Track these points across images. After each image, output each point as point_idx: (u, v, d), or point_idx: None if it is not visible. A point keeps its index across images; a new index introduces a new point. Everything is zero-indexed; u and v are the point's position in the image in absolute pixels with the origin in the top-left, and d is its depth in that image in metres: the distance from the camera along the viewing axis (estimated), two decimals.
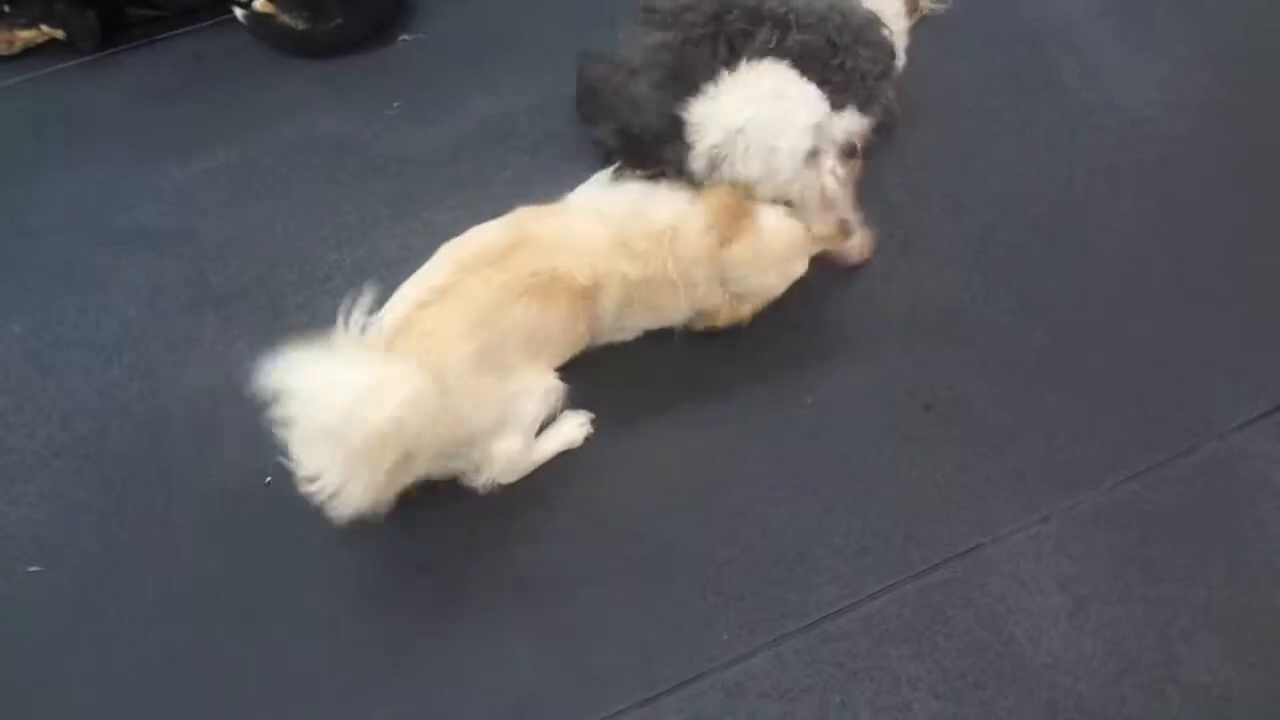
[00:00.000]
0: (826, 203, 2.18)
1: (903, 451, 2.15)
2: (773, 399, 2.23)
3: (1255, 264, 2.43)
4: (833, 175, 2.15)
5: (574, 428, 2.16)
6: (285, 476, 2.09)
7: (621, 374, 2.24)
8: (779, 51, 2.22)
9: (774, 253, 2.15)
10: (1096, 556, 2.01)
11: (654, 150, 2.27)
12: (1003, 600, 1.96)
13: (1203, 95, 2.75)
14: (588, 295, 2.05)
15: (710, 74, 2.18)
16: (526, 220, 2.09)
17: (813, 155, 2.13)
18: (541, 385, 2.04)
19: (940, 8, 2.87)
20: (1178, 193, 2.56)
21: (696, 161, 2.17)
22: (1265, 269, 2.42)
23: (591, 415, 2.16)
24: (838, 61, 2.26)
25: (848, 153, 2.13)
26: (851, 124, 2.15)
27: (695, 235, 2.09)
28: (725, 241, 2.09)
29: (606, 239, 2.06)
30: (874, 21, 2.38)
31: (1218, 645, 1.91)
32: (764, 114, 2.11)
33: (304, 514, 2.05)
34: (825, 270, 2.32)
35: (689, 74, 2.22)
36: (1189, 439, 2.16)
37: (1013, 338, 2.31)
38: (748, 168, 2.13)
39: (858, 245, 2.36)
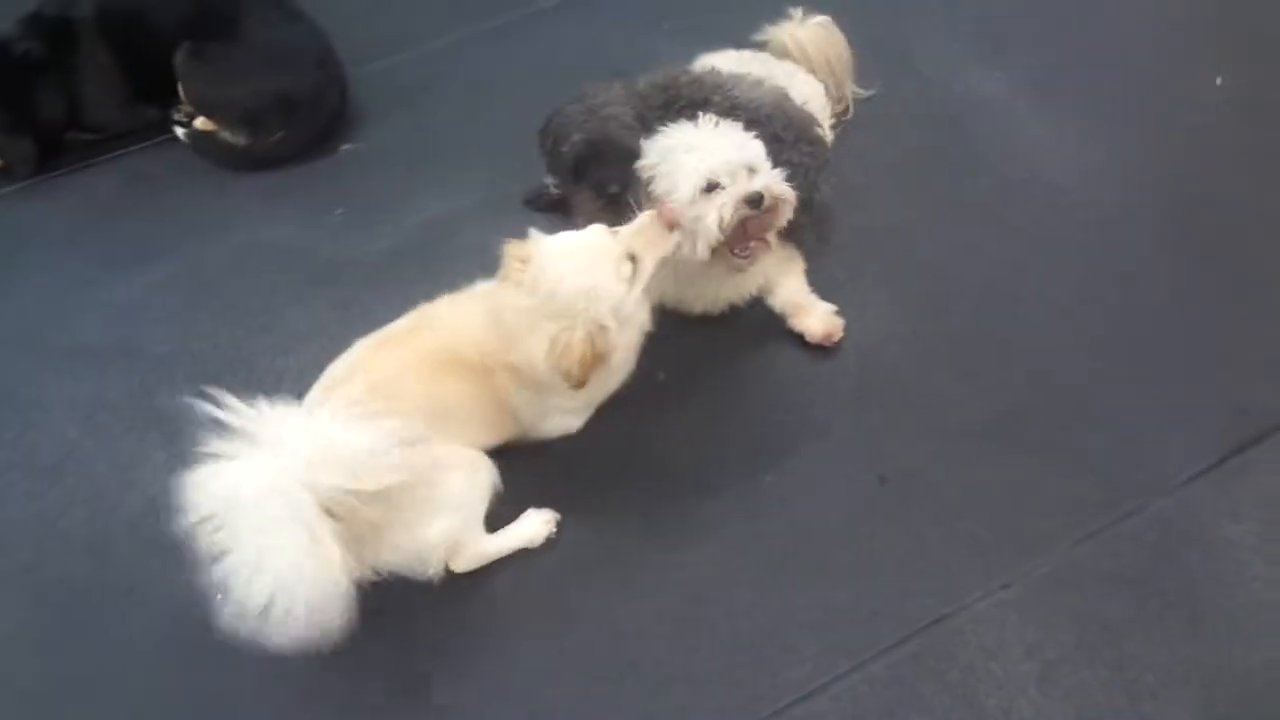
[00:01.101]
0: (705, 233, 2.19)
1: (862, 526, 2.16)
2: (731, 480, 2.23)
3: (1183, 321, 2.50)
4: (720, 212, 2.16)
5: (537, 524, 2.13)
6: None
7: (578, 459, 2.25)
8: None
9: (558, 270, 1.99)
10: (1059, 620, 2.01)
11: (614, 167, 2.33)
12: (971, 671, 1.95)
13: (1117, 164, 2.88)
14: (487, 374, 2.05)
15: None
16: (432, 305, 2.14)
17: (710, 188, 2.17)
18: (462, 458, 2.00)
19: (865, 94, 2.98)
20: (1104, 257, 2.65)
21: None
22: (1191, 325, 2.49)
23: (557, 516, 2.14)
24: (784, 157, 2.35)
25: (750, 201, 2.16)
26: (777, 185, 2.19)
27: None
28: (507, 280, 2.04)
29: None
30: (812, 120, 2.50)
31: (1185, 702, 1.90)
32: (693, 141, 2.20)
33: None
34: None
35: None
36: (1140, 497, 2.18)
37: (959, 406, 2.34)
38: (658, 185, 2.21)
39: (820, 327, 2.41)
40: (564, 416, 2.24)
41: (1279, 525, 2.13)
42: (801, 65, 2.78)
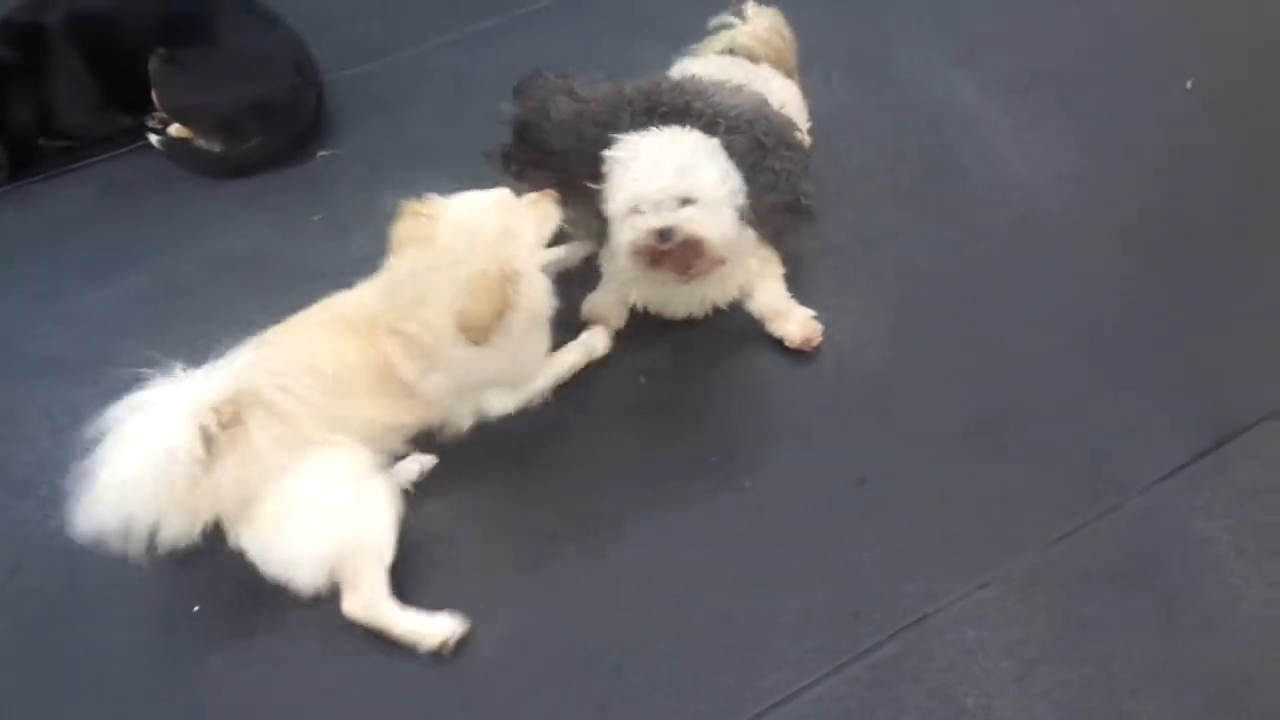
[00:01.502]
0: (620, 251, 2.23)
1: (842, 528, 2.17)
2: (711, 485, 2.23)
3: (1156, 323, 2.53)
4: (632, 237, 2.17)
5: (445, 625, 1.97)
6: (217, 605, 2.06)
7: (558, 462, 2.27)
8: None
9: (475, 218, 2.06)
10: (1038, 618, 2.02)
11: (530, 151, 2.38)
12: (951, 671, 1.96)
13: (1089, 169, 2.90)
14: (376, 340, 2.07)
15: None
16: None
17: (632, 210, 2.17)
18: (335, 463, 1.98)
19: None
20: (1076, 260, 2.67)
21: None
22: (1164, 328, 2.52)
23: (460, 631, 1.98)
24: (767, 163, 2.37)
25: (661, 235, 2.15)
26: (697, 226, 2.15)
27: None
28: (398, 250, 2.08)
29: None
30: (791, 124, 2.51)
31: (1163, 698, 1.92)
32: (645, 156, 2.19)
33: (236, 640, 2.01)
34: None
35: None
36: (1116, 496, 2.20)
37: (936, 408, 2.36)
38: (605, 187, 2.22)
39: (799, 332, 2.42)
40: (494, 396, 2.23)
41: (1252, 522, 2.15)
42: (773, 65, 2.79)
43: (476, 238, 2.03)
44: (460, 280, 1.99)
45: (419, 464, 2.20)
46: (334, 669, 1.98)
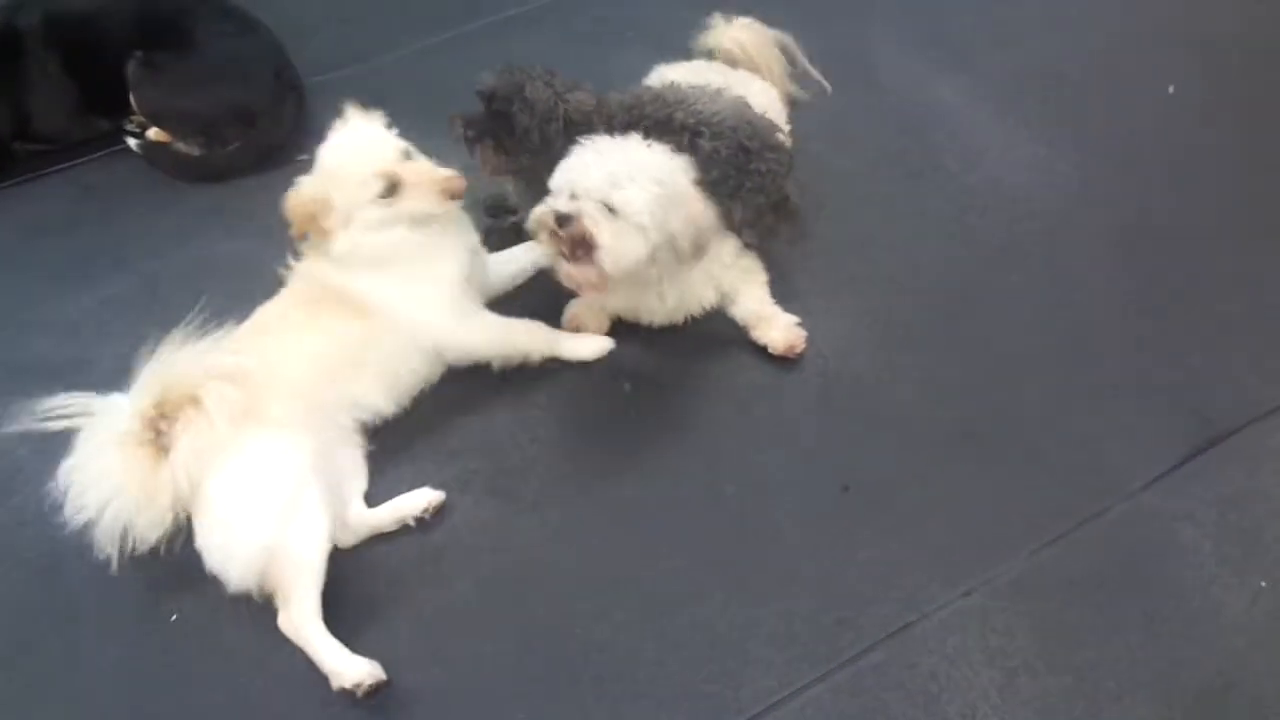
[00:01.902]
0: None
1: (825, 534, 2.16)
2: (693, 492, 2.22)
3: (1140, 327, 2.53)
4: (537, 216, 2.19)
5: (361, 668, 1.90)
6: (194, 611, 2.04)
7: (538, 469, 2.26)
8: (695, 157, 2.31)
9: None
10: (1020, 627, 2.01)
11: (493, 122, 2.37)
12: (934, 679, 1.95)
13: (1075, 171, 2.90)
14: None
15: None
16: None
17: (559, 191, 2.17)
18: (267, 453, 2.01)
19: (805, 96, 2.97)
20: (1062, 264, 2.67)
21: None
22: (1150, 332, 2.52)
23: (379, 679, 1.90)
24: (752, 166, 2.37)
25: (558, 218, 2.13)
26: (594, 226, 2.12)
27: None
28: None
29: None
30: (774, 126, 2.51)
31: (1147, 705, 1.91)
32: (589, 154, 2.19)
33: (216, 648, 1.99)
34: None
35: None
36: (1100, 502, 2.20)
37: (921, 413, 2.35)
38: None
39: (782, 338, 2.41)
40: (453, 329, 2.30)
41: (1234, 528, 2.15)
42: (750, 70, 2.78)
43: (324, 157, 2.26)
44: None
45: (427, 499, 2.16)
46: (318, 678, 1.96)
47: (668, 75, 2.62)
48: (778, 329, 2.42)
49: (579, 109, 2.37)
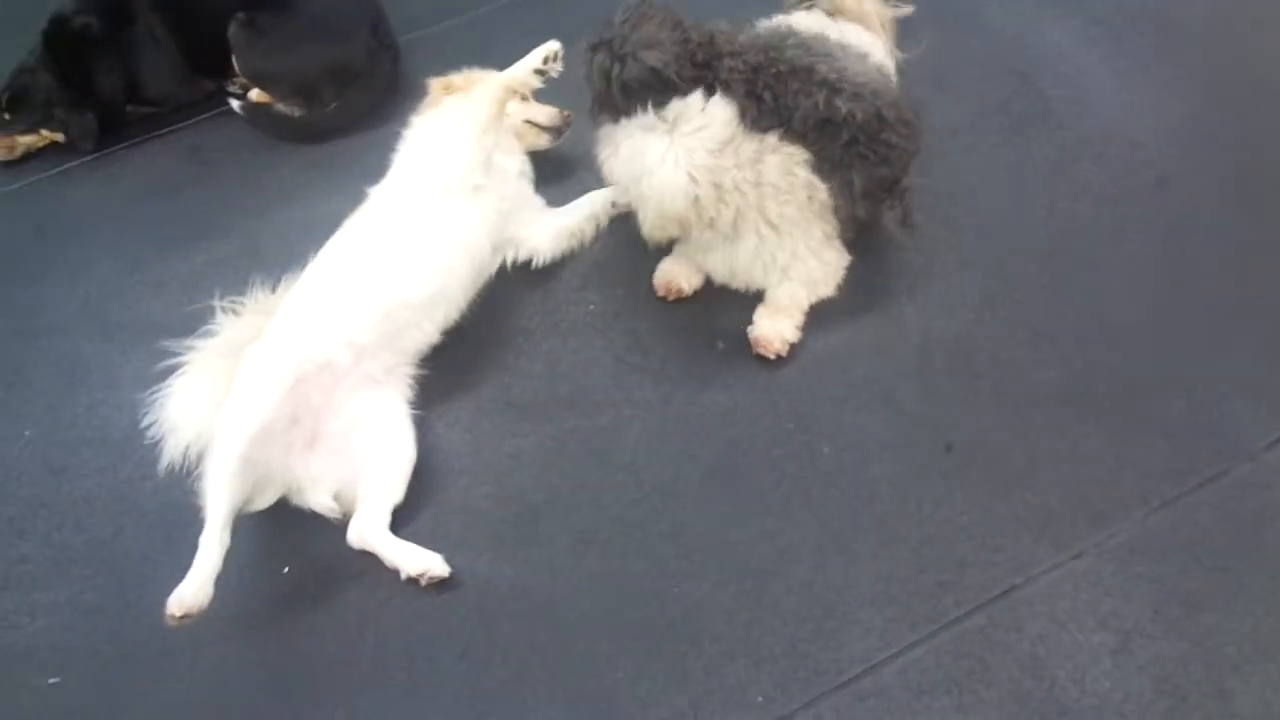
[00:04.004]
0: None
1: (926, 495, 2.12)
2: (788, 451, 2.20)
3: (1261, 281, 2.41)
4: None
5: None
6: (304, 565, 2.10)
7: (634, 436, 2.25)
8: (827, 117, 2.18)
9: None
10: (1135, 591, 1.95)
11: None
12: (1042, 643, 1.91)
13: (1193, 116, 2.76)
14: None
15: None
16: None
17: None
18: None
19: (903, 56, 2.82)
20: (1179, 215, 2.55)
21: None
22: (1271, 286, 2.40)
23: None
24: (884, 135, 2.23)
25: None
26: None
27: None
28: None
29: None
30: (908, 104, 2.33)
31: (1271, 675, 1.84)
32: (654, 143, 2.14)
33: (325, 601, 2.06)
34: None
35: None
36: (1219, 463, 2.11)
37: (1027, 372, 2.28)
38: None
39: (766, 331, 2.32)
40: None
41: None
42: (856, 21, 2.67)
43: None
44: None
45: (426, 565, 2.05)
46: (422, 625, 2.01)
47: (785, 23, 2.50)
48: (769, 320, 2.33)
49: (706, 46, 2.21)
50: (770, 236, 2.28)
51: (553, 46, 2.44)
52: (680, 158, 2.12)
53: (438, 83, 2.61)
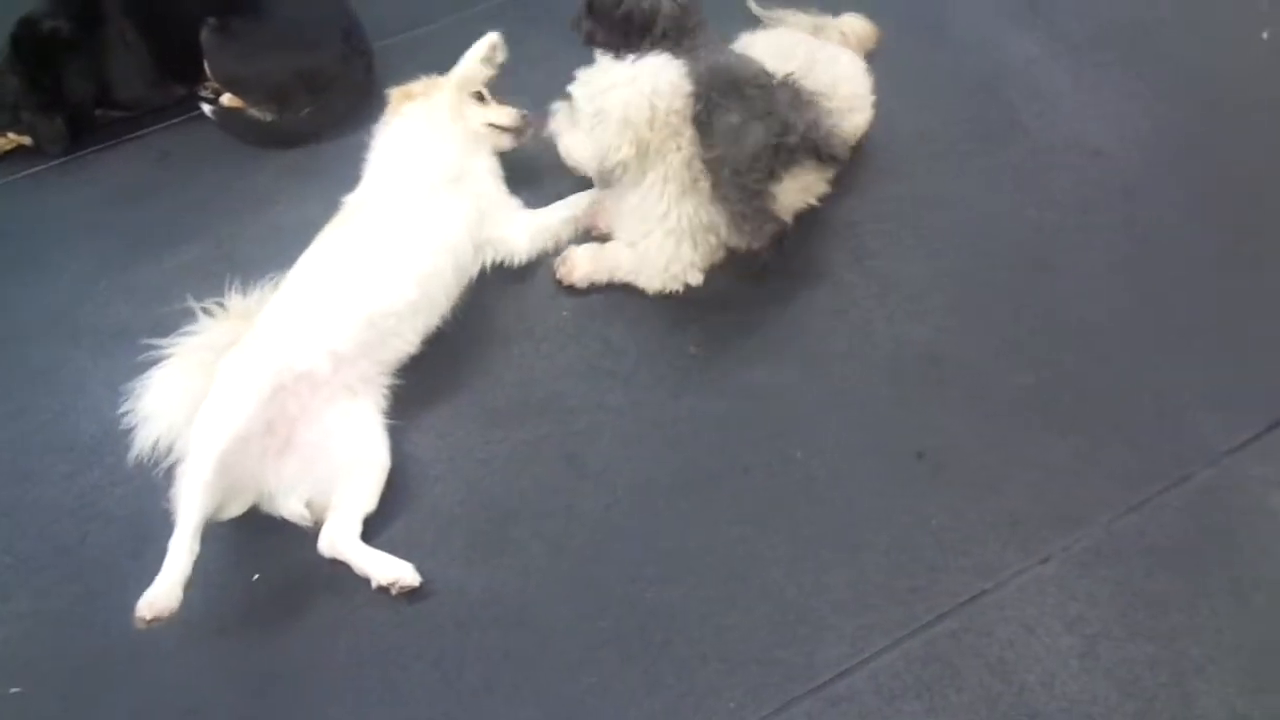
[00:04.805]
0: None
1: (897, 501, 2.13)
2: (761, 457, 2.21)
3: (1224, 288, 2.45)
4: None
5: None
6: (275, 573, 2.09)
7: (604, 439, 2.25)
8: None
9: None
10: (1101, 594, 1.98)
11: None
12: (1011, 647, 1.93)
13: (1157, 127, 2.80)
14: None
15: None
16: None
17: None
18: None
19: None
20: (1143, 223, 2.59)
21: None
22: (1234, 292, 2.44)
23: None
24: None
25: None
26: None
27: None
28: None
29: None
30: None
31: (1233, 677, 1.87)
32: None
33: (295, 609, 2.04)
34: None
35: None
36: (1183, 468, 2.14)
37: (996, 379, 2.31)
38: None
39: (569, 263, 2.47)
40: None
41: None
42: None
43: None
44: None
45: (397, 575, 2.04)
46: (394, 633, 2.01)
47: (752, 45, 2.58)
48: (590, 252, 2.49)
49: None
50: (656, 187, 2.33)
51: (493, 38, 2.61)
52: (644, 81, 2.28)
53: (398, 92, 2.64)
